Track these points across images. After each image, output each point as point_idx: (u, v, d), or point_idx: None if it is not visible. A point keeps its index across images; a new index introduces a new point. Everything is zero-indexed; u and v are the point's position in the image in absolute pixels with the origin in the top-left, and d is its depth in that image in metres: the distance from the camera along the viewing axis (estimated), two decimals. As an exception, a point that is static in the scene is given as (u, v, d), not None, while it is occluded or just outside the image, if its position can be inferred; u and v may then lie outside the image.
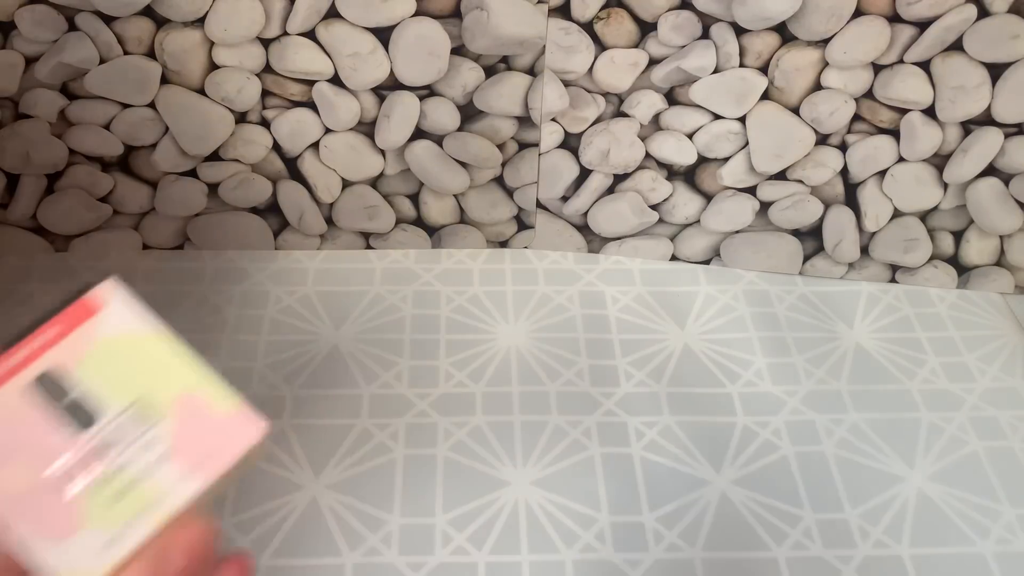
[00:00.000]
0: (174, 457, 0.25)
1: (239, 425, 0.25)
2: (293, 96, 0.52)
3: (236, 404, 0.26)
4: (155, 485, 0.25)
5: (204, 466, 0.25)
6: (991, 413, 0.51)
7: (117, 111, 0.52)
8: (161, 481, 0.25)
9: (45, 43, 0.49)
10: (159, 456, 0.25)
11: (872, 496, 0.47)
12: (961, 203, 0.55)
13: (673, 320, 0.56)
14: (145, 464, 0.25)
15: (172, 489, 0.25)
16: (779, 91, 0.51)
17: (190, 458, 0.25)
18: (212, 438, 0.25)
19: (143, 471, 0.25)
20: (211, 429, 0.25)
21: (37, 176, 0.54)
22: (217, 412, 0.26)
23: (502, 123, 0.53)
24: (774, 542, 0.45)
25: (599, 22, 0.49)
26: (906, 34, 0.48)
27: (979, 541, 0.45)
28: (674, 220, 0.57)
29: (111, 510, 0.24)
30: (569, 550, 0.44)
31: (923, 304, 0.57)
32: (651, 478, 0.47)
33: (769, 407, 0.51)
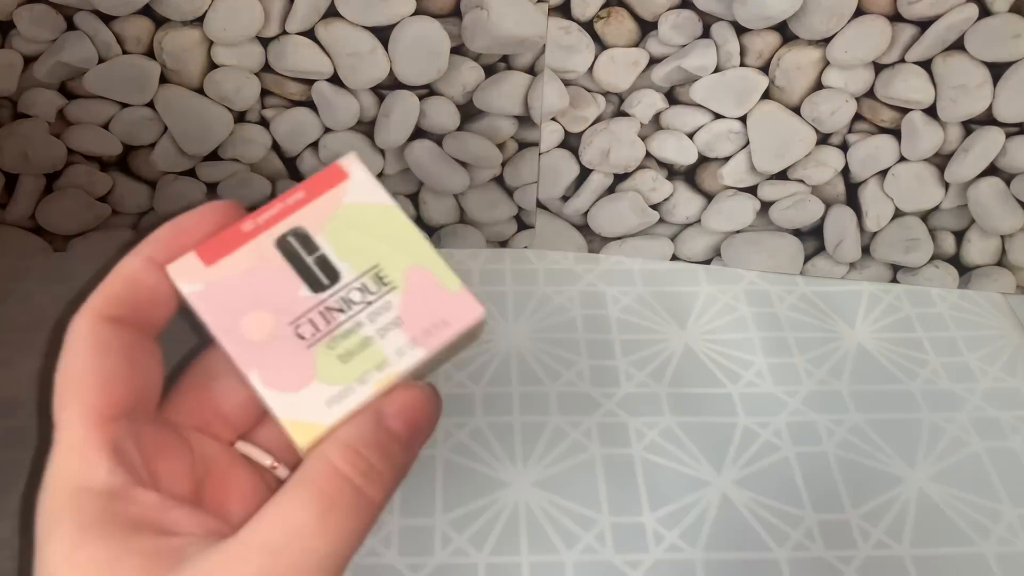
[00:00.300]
0: (403, 324, 0.26)
1: (461, 305, 0.26)
2: (292, 95, 0.52)
3: (459, 285, 0.27)
4: (383, 349, 0.26)
5: (428, 337, 0.26)
6: (993, 414, 0.51)
7: (116, 111, 0.52)
8: (388, 346, 0.26)
9: (44, 42, 0.49)
10: (389, 322, 0.26)
11: (873, 497, 0.47)
12: (962, 203, 0.55)
13: (674, 320, 0.55)
14: (376, 328, 0.26)
15: (398, 355, 0.26)
16: (780, 90, 0.51)
17: (415, 328, 0.26)
18: (437, 313, 0.26)
19: (374, 334, 0.26)
20: (436, 304, 0.26)
21: (36, 176, 0.54)
22: (442, 289, 0.27)
23: (502, 122, 0.53)
24: (775, 543, 0.45)
25: (599, 21, 0.49)
26: (907, 33, 0.48)
27: (980, 542, 0.45)
28: (675, 220, 0.57)
29: (341, 367, 0.25)
30: (569, 551, 0.44)
31: (924, 304, 0.57)
32: (652, 479, 0.47)
33: (770, 407, 0.51)
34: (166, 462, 0.25)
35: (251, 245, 0.26)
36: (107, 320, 0.25)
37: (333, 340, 0.26)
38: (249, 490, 0.27)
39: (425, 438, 0.26)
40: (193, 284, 0.26)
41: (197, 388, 0.28)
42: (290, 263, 0.26)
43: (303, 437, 0.24)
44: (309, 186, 0.28)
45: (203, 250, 0.26)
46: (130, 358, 0.25)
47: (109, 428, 0.23)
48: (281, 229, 0.27)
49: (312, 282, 0.26)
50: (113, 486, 0.23)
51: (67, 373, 0.24)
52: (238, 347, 0.25)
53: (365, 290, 0.26)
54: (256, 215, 0.27)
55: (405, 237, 0.27)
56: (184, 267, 0.26)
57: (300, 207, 0.27)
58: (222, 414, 0.28)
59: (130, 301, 0.25)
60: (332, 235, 0.27)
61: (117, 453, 0.23)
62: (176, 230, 0.26)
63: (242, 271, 0.26)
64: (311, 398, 0.25)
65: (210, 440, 0.27)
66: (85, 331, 0.24)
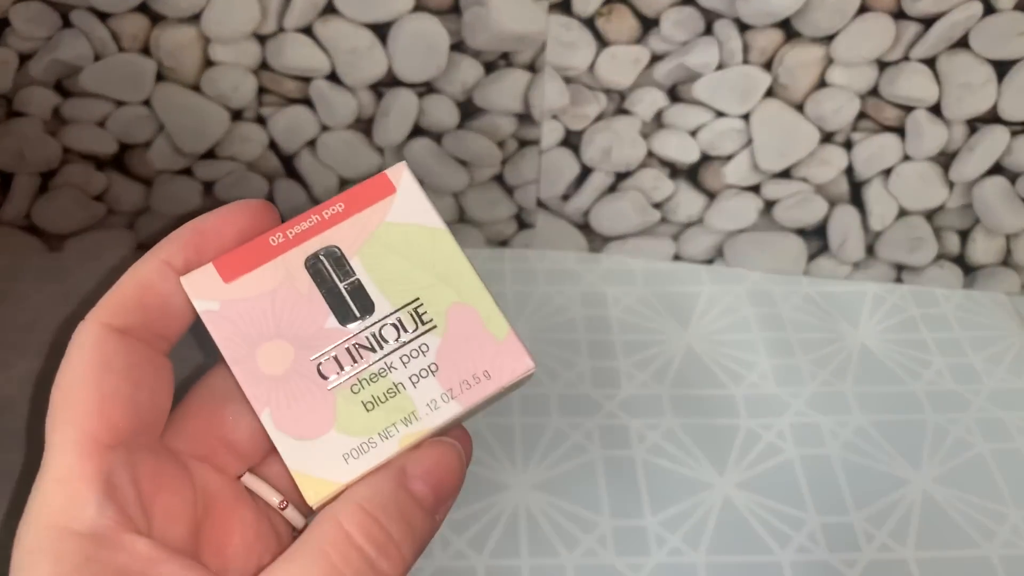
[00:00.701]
0: (439, 372, 0.23)
1: (508, 355, 0.24)
2: (290, 93, 0.51)
3: (508, 331, 0.24)
4: (413, 400, 0.23)
5: (465, 390, 0.23)
6: (998, 415, 0.50)
7: (112, 109, 0.51)
8: (420, 396, 0.23)
9: (39, 40, 0.49)
10: (424, 367, 0.23)
11: (877, 499, 0.46)
12: (967, 202, 0.54)
13: (676, 321, 0.55)
14: (408, 374, 0.23)
15: (430, 408, 0.23)
16: (783, 88, 0.50)
17: (453, 378, 0.23)
18: (479, 362, 0.23)
19: (405, 381, 0.23)
20: (480, 352, 0.23)
21: (31, 175, 0.54)
22: (488, 334, 0.24)
23: (502, 120, 0.53)
24: (778, 545, 0.44)
25: (600, 18, 0.48)
26: (911, 31, 0.48)
27: (985, 544, 0.45)
28: (677, 219, 0.57)
29: (364, 417, 0.22)
30: (570, 554, 0.44)
31: (929, 304, 0.57)
32: (653, 481, 0.47)
33: (773, 409, 0.50)
34: (165, 499, 0.22)
35: (277, 262, 0.23)
36: (113, 331, 0.22)
37: (358, 383, 0.23)
38: (252, 533, 0.24)
39: (451, 504, 0.24)
40: (208, 302, 0.23)
41: (203, 412, 0.25)
42: (319, 288, 0.23)
43: (314, 494, 0.22)
44: (350, 198, 0.24)
45: (223, 263, 0.23)
46: (136, 377, 0.22)
47: (104, 458, 0.21)
48: (313, 246, 0.23)
49: (342, 313, 0.23)
50: (101, 529, 0.20)
51: (63, 390, 0.22)
52: (251, 380, 0.23)
53: (401, 327, 0.23)
54: (287, 227, 0.24)
55: (453, 268, 0.24)
56: (200, 281, 0.23)
57: (337, 222, 0.24)
58: (230, 443, 0.25)
59: (141, 310, 0.23)
60: (369, 259, 0.23)
61: (109, 488, 0.20)
62: (197, 232, 0.23)
63: (264, 292, 0.23)
64: (327, 450, 0.22)
65: (213, 472, 0.24)
66: (88, 343, 0.22)
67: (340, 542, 0.21)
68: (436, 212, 0.24)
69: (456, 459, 0.23)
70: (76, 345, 0.22)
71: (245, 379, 0.22)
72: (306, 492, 0.22)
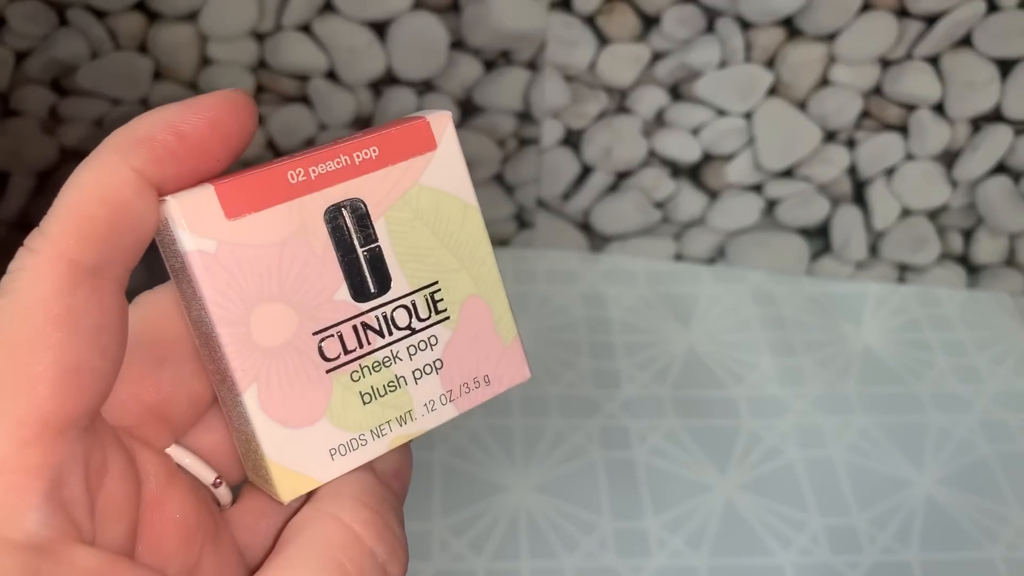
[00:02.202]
0: (442, 371, 0.21)
1: (509, 363, 0.21)
2: (288, 91, 0.51)
3: (514, 335, 0.21)
4: (412, 397, 0.20)
5: (464, 395, 0.21)
6: (1001, 416, 0.50)
7: (109, 108, 0.51)
8: (419, 395, 0.20)
9: (36, 38, 0.48)
10: (428, 363, 0.20)
11: (880, 500, 0.46)
12: (971, 201, 0.54)
13: (677, 321, 0.55)
14: (412, 367, 0.20)
15: (426, 409, 0.20)
16: (785, 87, 0.50)
17: (455, 379, 0.21)
18: (482, 365, 0.21)
19: (408, 375, 0.20)
20: (484, 354, 0.21)
21: (27, 174, 0.54)
22: (495, 337, 0.21)
23: (502, 119, 0.52)
24: (780, 548, 0.44)
25: (601, 16, 0.48)
26: (914, 29, 0.48)
27: (988, 546, 0.44)
28: (678, 218, 0.57)
29: (359, 409, 0.20)
30: (570, 556, 0.43)
31: (932, 305, 0.57)
32: (654, 483, 0.46)
33: (775, 410, 0.50)
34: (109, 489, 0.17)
35: (292, 205, 0.19)
36: (80, 272, 0.16)
37: (359, 370, 0.20)
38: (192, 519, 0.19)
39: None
40: (203, 239, 0.18)
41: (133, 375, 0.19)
42: (336, 248, 0.19)
43: (291, 490, 0.19)
44: (386, 143, 0.20)
45: (226, 192, 0.18)
46: (104, 340, 0.17)
47: (53, 446, 0.16)
48: (336, 195, 0.19)
49: (355, 284, 0.20)
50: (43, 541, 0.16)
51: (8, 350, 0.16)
52: (240, 348, 0.19)
53: (413, 313, 0.20)
54: (309, 163, 0.19)
55: (476, 254, 0.21)
56: (196, 210, 0.18)
57: (367, 171, 0.20)
58: (161, 412, 0.20)
59: (111, 240, 0.17)
60: (396, 224, 0.20)
61: (56, 488, 0.16)
62: (170, 128, 0.17)
63: (273, 240, 0.19)
64: (313, 442, 0.19)
65: (142, 447, 0.19)
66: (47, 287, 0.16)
67: (350, 546, 0.18)
68: (470, 183, 0.21)
69: (409, 461, 0.21)
70: (27, 285, 0.16)
71: (233, 346, 0.18)
72: (281, 487, 0.19)
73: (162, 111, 0.18)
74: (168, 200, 0.18)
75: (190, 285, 0.19)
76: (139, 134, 0.17)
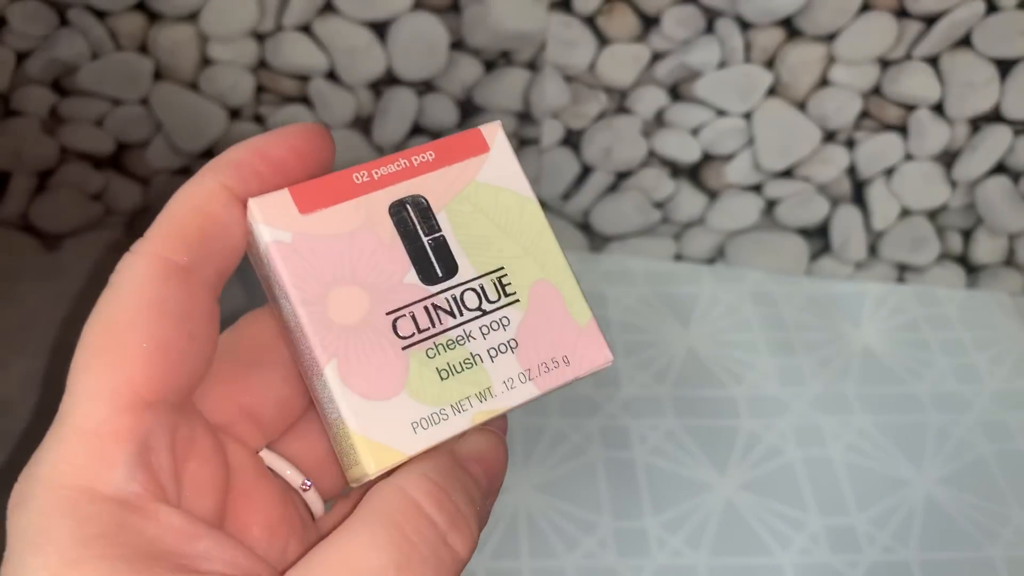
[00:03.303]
0: (518, 350, 0.21)
1: (588, 344, 0.22)
2: (288, 92, 0.51)
3: (590, 317, 0.22)
4: (489, 374, 0.21)
5: (544, 374, 0.21)
6: (1000, 416, 0.50)
7: (109, 108, 0.51)
8: (497, 372, 0.21)
9: (36, 39, 0.48)
10: (503, 342, 0.21)
11: (879, 500, 0.46)
12: (970, 202, 0.54)
13: (677, 321, 0.55)
14: (487, 346, 0.21)
15: (506, 386, 0.21)
16: (785, 87, 0.50)
17: (532, 358, 0.21)
18: (559, 346, 0.22)
19: (483, 353, 0.21)
20: (560, 335, 0.22)
21: (28, 174, 0.54)
22: (569, 318, 0.22)
23: (502, 119, 0.52)
24: (779, 547, 0.44)
25: (601, 16, 0.48)
26: (914, 29, 0.48)
27: (988, 546, 0.44)
28: (678, 219, 0.57)
29: (437, 384, 0.20)
30: (570, 555, 0.43)
31: (931, 304, 0.57)
32: (654, 482, 0.46)
33: (775, 410, 0.50)
34: (195, 468, 0.19)
35: (359, 202, 0.21)
36: (172, 268, 0.19)
37: (434, 347, 0.21)
38: (276, 515, 0.21)
39: (495, 496, 0.22)
40: (279, 231, 0.20)
41: (228, 375, 0.21)
42: (402, 238, 0.21)
43: (376, 462, 0.20)
44: (441, 148, 0.22)
45: (299, 192, 0.20)
46: (191, 326, 0.19)
47: (142, 415, 0.18)
48: (398, 192, 0.21)
49: (424, 268, 0.21)
50: (130, 495, 0.17)
51: (106, 327, 0.18)
52: (319, 326, 0.20)
53: (483, 295, 0.21)
54: (372, 167, 0.21)
55: (540, 243, 0.22)
56: (272, 207, 0.20)
57: (426, 171, 0.22)
58: (253, 413, 0.22)
59: (200, 242, 0.19)
60: (457, 216, 0.22)
61: (143, 451, 0.18)
62: (258, 154, 0.20)
63: (342, 231, 0.21)
64: (395, 415, 0.20)
65: (234, 444, 0.21)
66: (142, 278, 0.18)
67: (410, 511, 0.18)
68: (526, 179, 0.23)
69: (503, 450, 0.21)
70: (127, 278, 0.18)
71: (313, 324, 0.20)
72: (366, 459, 0.20)
73: (251, 140, 0.21)
74: (249, 201, 0.20)
75: (274, 277, 0.21)
76: (229, 158, 0.20)
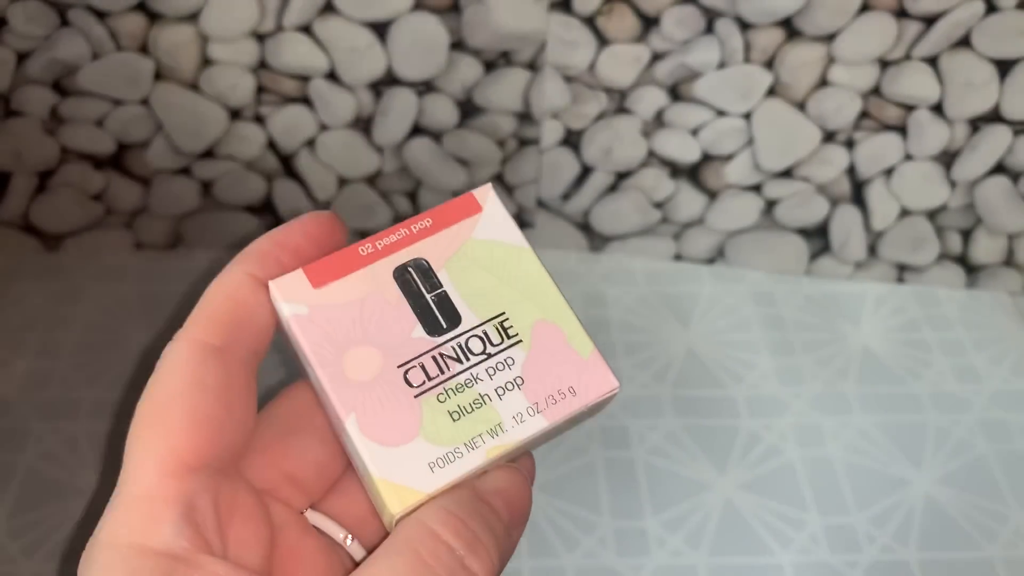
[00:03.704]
0: (524, 386, 0.23)
1: (593, 374, 0.24)
2: (288, 92, 0.51)
3: (593, 349, 0.24)
4: (499, 411, 0.23)
5: (551, 406, 0.23)
6: (1000, 416, 0.50)
7: (110, 108, 0.51)
8: (506, 409, 0.23)
9: (37, 39, 0.48)
10: (510, 380, 0.23)
11: (879, 500, 0.46)
12: (969, 202, 0.54)
13: (676, 321, 0.55)
14: (494, 386, 0.23)
15: (516, 421, 0.23)
16: (784, 87, 0.50)
17: (539, 392, 0.23)
18: (564, 378, 0.23)
19: (491, 392, 0.23)
20: (564, 368, 0.23)
21: (28, 174, 0.54)
22: (572, 351, 0.24)
23: (502, 119, 0.52)
24: (779, 547, 0.44)
25: (601, 16, 0.48)
26: (913, 30, 0.48)
27: (987, 546, 0.44)
28: (677, 219, 0.57)
29: (450, 426, 0.22)
30: (570, 555, 0.43)
31: (931, 304, 0.57)
32: (654, 482, 0.46)
33: (774, 410, 0.50)
34: (239, 527, 0.21)
35: (366, 271, 0.24)
36: (209, 348, 0.22)
37: (444, 393, 0.23)
38: (321, 569, 0.23)
39: (522, 528, 0.23)
40: (297, 305, 0.23)
41: (268, 444, 0.24)
42: (407, 298, 0.24)
43: (399, 502, 0.21)
44: (437, 215, 0.25)
45: (312, 270, 0.23)
46: (228, 398, 0.21)
47: (186, 480, 0.20)
48: (401, 258, 0.24)
49: (429, 322, 0.23)
50: (177, 549, 0.19)
51: (153, 404, 0.21)
52: (337, 384, 0.22)
53: (487, 340, 0.23)
54: (376, 239, 0.24)
55: (537, 286, 0.24)
56: (289, 285, 0.23)
57: (425, 236, 0.24)
58: (293, 477, 0.24)
59: (234, 326, 0.22)
60: (456, 272, 0.24)
61: (189, 511, 0.20)
62: (277, 244, 0.23)
63: (353, 299, 0.23)
64: (412, 458, 0.22)
65: (279, 505, 0.24)
66: (182, 359, 0.21)
67: (428, 539, 0.20)
68: (519, 231, 0.25)
69: (525, 484, 0.23)
70: (169, 360, 0.21)
71: (332, 383, 0.22)
72: (390, 500, 0.21)
73: (272, 233, 0.24)
74: (269, 283, 0.23)
75: (296, 346, 0.23)
76: (253, 249, 0.23)
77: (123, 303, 0.54)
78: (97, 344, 0.52)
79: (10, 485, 0.45)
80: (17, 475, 0.45)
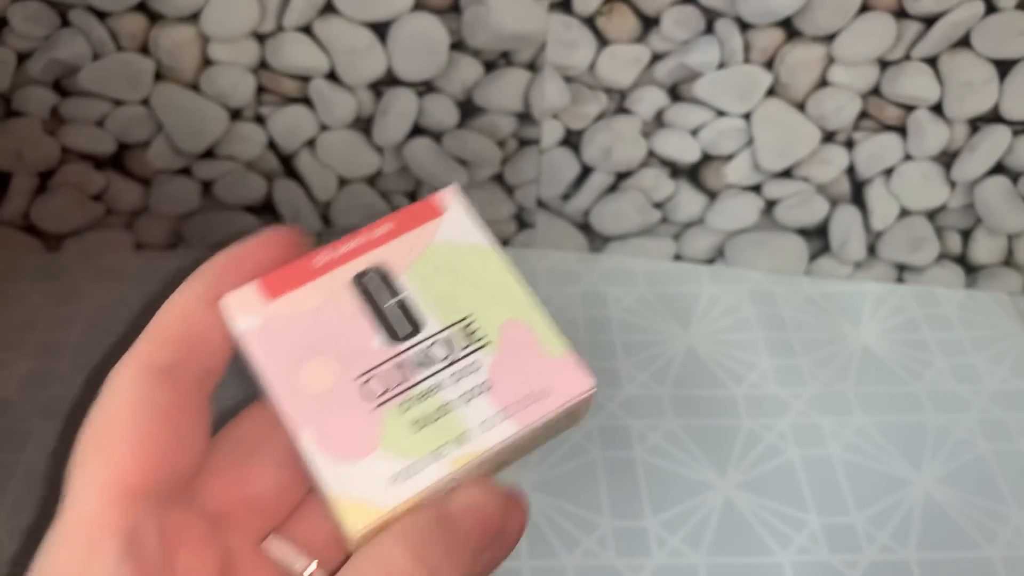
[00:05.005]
0: (491, 392, 0.22)
1: (566, 374, 0.22)
2: (289, 92, 0.51)
3: (565, 349, 0.23)
4: (464, 419, 0.21)
5: (522, 410, 0.22)
6: (999, 415, 0.50)
7: (110, 108, 0.51)
8: (471, 416, 0.21)
9: (37, 39, 0.48)
10: (475, 387, 0.22)
11: (878, 500, 0.46)
12: (969, 202, 0.54)
13: (677, 321, 0.55)
14: (459, 392, 0.22)
15: (483, 428, 0.21)
16: (784, 87, 0.50)
17: (507, 397, 0.22)
18: (535, 380, 0.22)
19: (455, 400, 0.22)
20: (535, 370, 0.22)
21: (29, 174, 0.54)
22: (544, 352, 0.22)
23: (502, 120, 0.52)
24: (779, 546, 0.44)
25: (601, 17, 0.48)
26: (913, 30, 0.48)
27: (987, 545, 0.44)
28: (677, 219, 0.57)
29: (412, 436, 0.21)
30: (570, 555, 0.43)
31: (930, 304, 0.57)
32: (654, 482, 0.46)
33: (774, 409, 0.50)
34: (189, 557, 0.20)
35: (323, 280, 0.23)
36: (156, 370, 0.20)
37: (406, 402, 0.21)
38: None
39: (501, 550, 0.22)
40: (249, 319, 0.22)
41: (226, 466, 0.23)
42: (367, 305, 0.23)
43: (356, 521, 0.20)
44: (399, 218, 0.24)
45: (266, 282, 0.22)
46: (176, 419, 0.20)
47: (131, 507, 0.19)
48: (360, 265, 0.23)
49: (390, 330, 0.22)
50: None
51: (94, 429, 0.20)
52: (292, 398, 0.21)
53: (451, 345, 0.22)
54: (334, 247, 0.23)
55: (503, 286, 0.23)
56: (241, 299, 0.22)
57: (385, 242, 0.23)
58: (252, 500, 0.23)
59: (184, 344, 0.21)
60: (418, 277, 0.23)
61: (132, 542, 0.19)
62: (231, 261, 0.23)
63: (308, 310, 0.22)
64: (372, 471, 0.20)
65: (234, 531, 0.22)
66: (127, 382, 0.20)
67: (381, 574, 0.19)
68: (485, 232, 0.24)
69: (500, 500, 0.21)
70: (114, 383, 0.20)
71: (285, 396, 0.21)
72: (348, 520, 0.20)
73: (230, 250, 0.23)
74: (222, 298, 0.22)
75: (250, 360, 0.22)
76: (207, 268, 0.22)
77: (123, 303, 0.54)
78: (97, 344, 0.52)
79: (10, 485, 0.45)
80: (17, 475, 0.45)
